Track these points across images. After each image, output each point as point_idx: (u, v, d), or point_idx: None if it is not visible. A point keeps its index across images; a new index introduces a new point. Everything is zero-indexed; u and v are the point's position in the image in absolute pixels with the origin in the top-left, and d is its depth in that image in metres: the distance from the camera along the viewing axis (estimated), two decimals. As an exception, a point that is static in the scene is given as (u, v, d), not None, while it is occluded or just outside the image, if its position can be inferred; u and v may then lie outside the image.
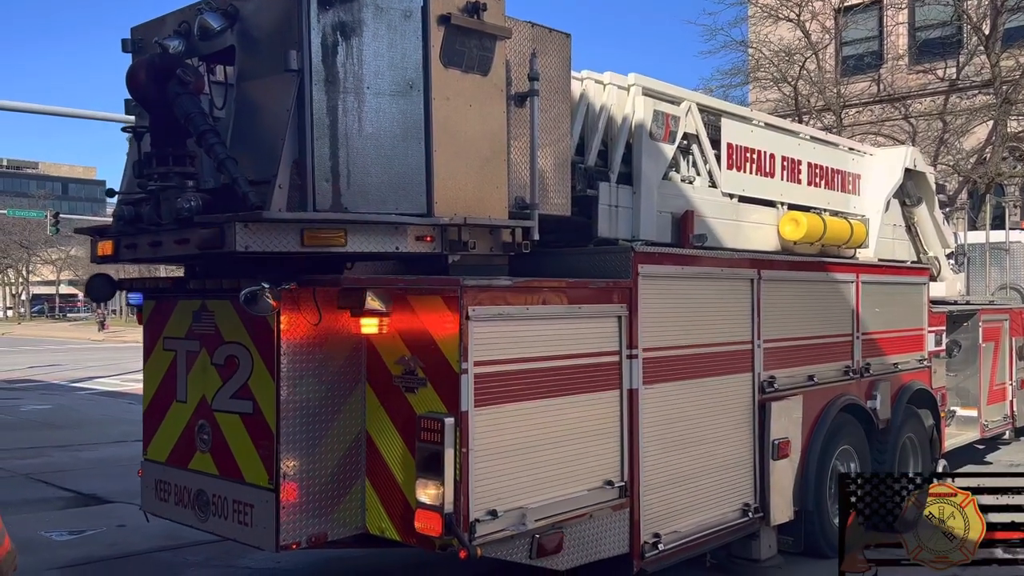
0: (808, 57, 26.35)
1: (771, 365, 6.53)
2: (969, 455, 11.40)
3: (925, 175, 9.96)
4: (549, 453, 4.80)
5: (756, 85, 27.69)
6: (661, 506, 5.53)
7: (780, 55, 26.59)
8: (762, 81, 27.22)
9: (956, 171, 24.17)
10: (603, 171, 6.32)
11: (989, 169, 23.90)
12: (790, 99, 25.55)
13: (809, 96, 26.02)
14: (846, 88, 27.44)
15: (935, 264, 10.33)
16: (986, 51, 24.30)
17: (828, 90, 26.37)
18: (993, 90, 24.16)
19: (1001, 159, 24.88)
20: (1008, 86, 23.63)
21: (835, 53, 29.24)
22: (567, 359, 4.92)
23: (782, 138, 8.05)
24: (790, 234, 7.84)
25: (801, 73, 26.14)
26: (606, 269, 5.42)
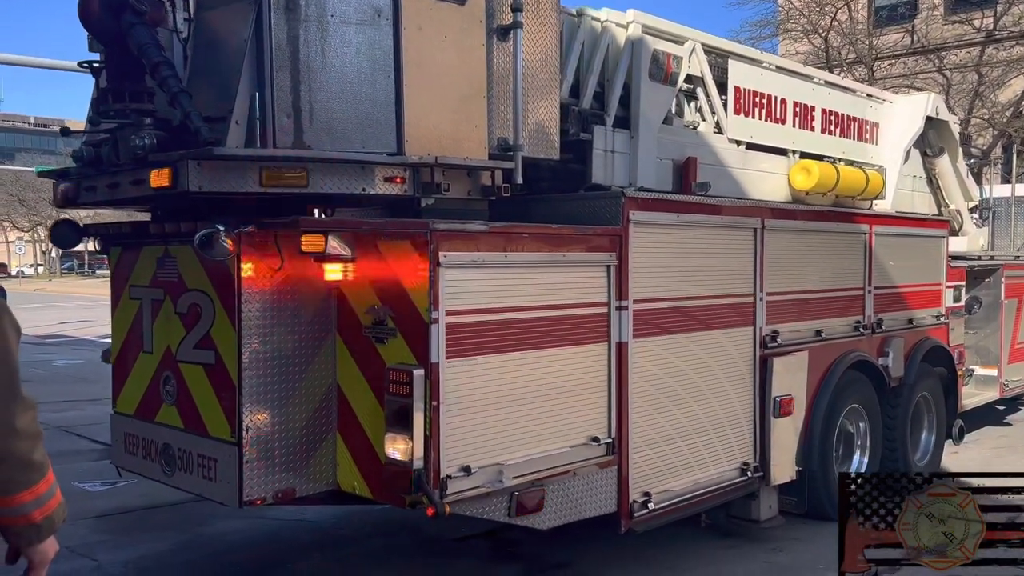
0: (840, 7, 25.57)
1: (774, 319, 6.23)
2: (989, 416, 11.06)
3: (948, 124, 9.49)
4: (530, 408, 4.56)
5: (786, 37, 27.08)
6: (652, 464, 5.30)
7: (811, 6, 25.85)
8: (792, 33, 26.61)
9: (991, 125, 23.51)
10: (599, 114, 6.00)
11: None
12: (821, 51, 24.89)
13: (840, 48, 25.35)
14: (878, 40, 26.73)
15: (957, 218, 9.90)
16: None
17: (860, 42, 25.65)
18: (1031, 41, 23.30)
19: (1038, 112, 24.10)
20: (1048, 37, 22.76)
21: (867, 3, 28.35)
22: (550, 310, 4.66)
23: (794, 82, 7.64)
24: (801, 183, 7.47)
25: (832, 24, 25.41)
26: (595, 216, 5.12)
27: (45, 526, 1.98)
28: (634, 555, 5.92)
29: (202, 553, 6.15)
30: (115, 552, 6.07)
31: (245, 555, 6.13)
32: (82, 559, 5.89)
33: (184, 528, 6.52)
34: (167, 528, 6.49)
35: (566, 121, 5.74)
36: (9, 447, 1.86)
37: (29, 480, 1.92)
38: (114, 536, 6.37)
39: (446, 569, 5.85)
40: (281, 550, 6.17)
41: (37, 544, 1.98)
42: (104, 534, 6.36)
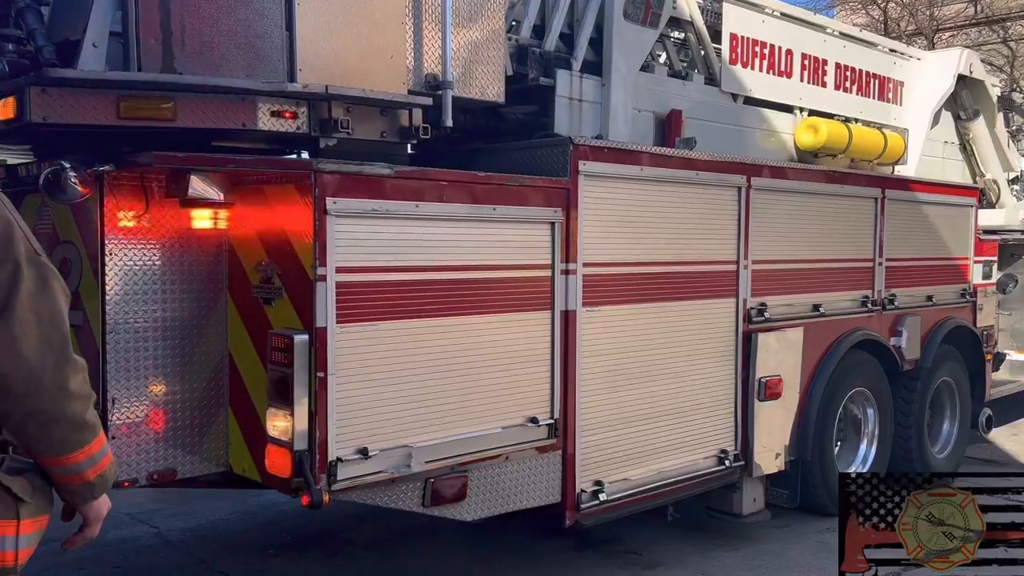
0: None
1: (761, 290, 5.53)
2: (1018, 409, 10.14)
3: (984, 84, 8.59)
4: (449, 383, 3.98)
5: (843, 8, 26.21)
6: (606, 449, 4.68)
7: None
8: (850, 4, 25.66)
9: None
10: (566, 58, 5.34)
11: (1091, 96, 21.83)
12: (879, 23, 23.81)
13: (900, 20, 24.25)
14: (940, 10, 25.58)
15: (993, 188, 9.00)
16: (1094, -36, 22.03)
17: (920, 12, 24.61)
18: (1101, 9, 21.97)
19: (1106, 85, 22.76)
20: (1118, 4, 21.42)
21: None
22: (476, 271, 4.06)
23: (804, 32, 6.88)
24: (807, 143, 6.75)
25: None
26: (540, 166, 4.50)
27: (99, 484, 2.05)
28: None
29: (256, 522, 6.15)
30: (173, 520, 6.14)
31: (298, 523, 6.04)
32: (142, 525, 6.02)
33: (238, 498, 6.36)
34: (222, 497, 6.29)
35: (525, 64, 5.13)
36: (64, 408, 1.92)
37: (83, 440, 1.98)
38: (170, 505, 6.28)
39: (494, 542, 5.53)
40: (333, 519, 6.03)
41: (91, 502, 2.06)
42: (160, 502, 6.27)
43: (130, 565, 5.39)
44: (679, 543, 5.64)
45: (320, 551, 5.64)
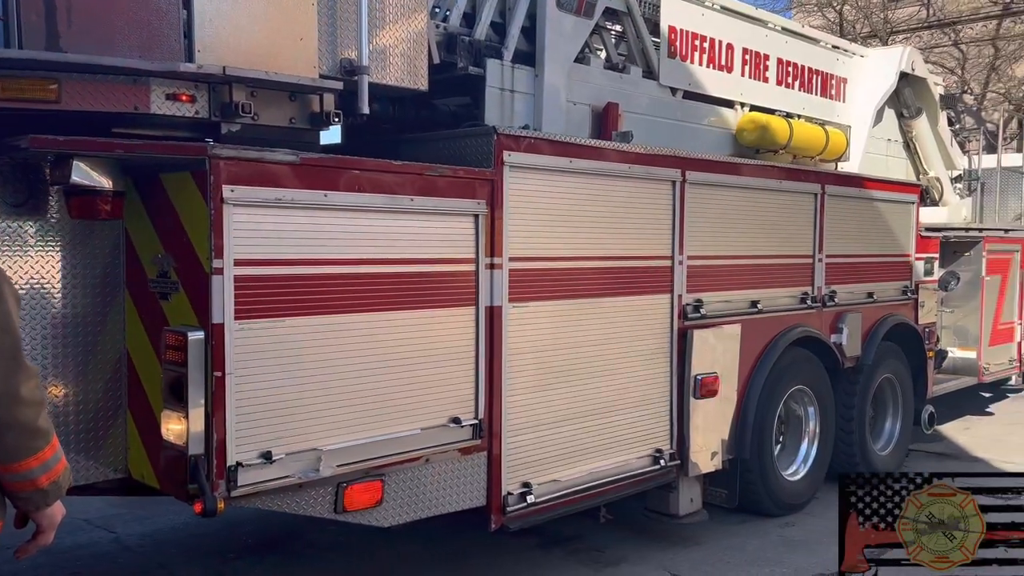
0: None
1: (698, 286, 5.42)
2: (971, 403, 10.25)
3: (927, 82, 8.62)
4: (366, 383, 3.79)
5: (800, 10, 26.57)
6: (535, 450, 4.52)
7: None
8: (806, 6, 25.97)
9: (1007, 99, 22.70)
10: (497, 48, 5.19)
11: (1042, 97, 22.41)
12: (835, 25, 24.16)
13: (855, 22, 24.63)
14: (893, 13, 26.10)
15: (936, 186, 9.06)
16: (1044, -29, 22.58)
17: (875, 15, 25.06)
18: (1049, 14, 22.52)
19: (1054, 87, 23.37)
20: (1065, 10, 21.98)
21: None
22: (391, 265, 3.88)
23: (745, 26, 6.81)
24: (747, 138, 6.69)
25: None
26: (464, 156, 4.33)
27: (52, 491, 2.04)
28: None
29: (216, 525, 5.81)
30: (131, 525, 6.00)
31: (260, 525, 5.88)
32: (100, 531, 5.88)
33: (199, 502, 6.17)
34: (182, 502, 6.09)
35: (455, 53, 4.96)
36: (15, 415, 1.92)
37: (36, 446, 1.97)
38: (129, 509, 6.07)
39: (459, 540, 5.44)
40: (296, 521, 5.81)
41: (45, 508, 2.05)
42: (119, 507, 6.07)
43: (87, 571, 5.22)
44: (642, 539, 5.60)
45: (282, 554, 5.49)
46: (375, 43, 4.12)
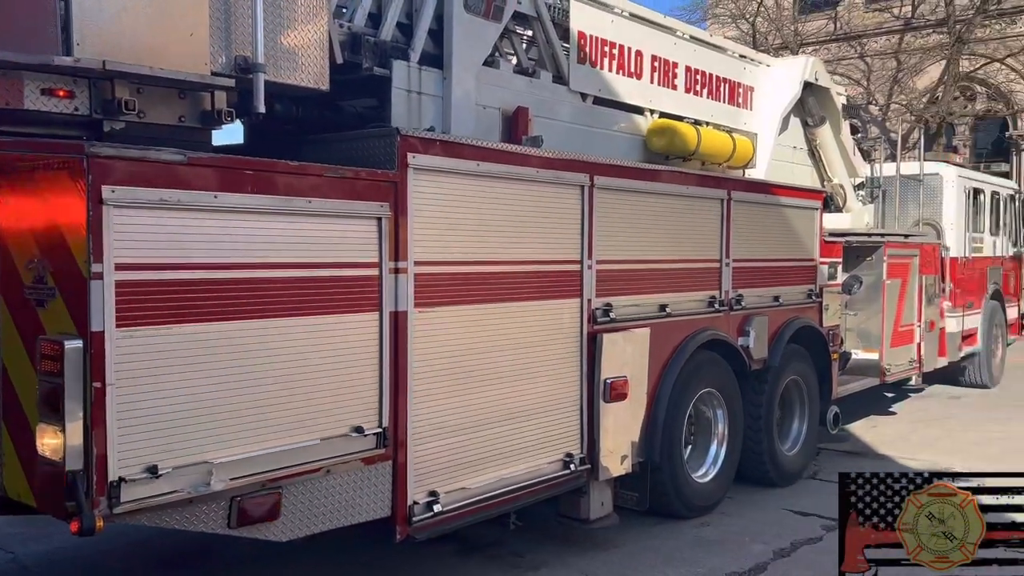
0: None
1: (607, 291, 5.43)
2: (875, 403, 10.63)
3: (830, 92, 8.89)
4: (261, 392, 3.65)
5: (714, 21, 27.22)
6: (442, 458, 4.44)
7: None
8: (720, 18, 26.74)
9: (909, 110, 23.75)
10: (404, 49, 5.10)
11: (941, 108, 23.52)
12: (748, 36, 24.87)
13: (767, 34, 25.40)
14: (803, 26, 27.08)
15: (840, 192, 9.35)
16: (941, -11, 23.73)
17: (786, 28, 25.92)
18: (946, 29, 23.70)
19: (952, 99, 24.52)
20: (961, 25, 23.18)
21: None
22: (290, 269, 3.75)
23: (654, 33, 6.88)
24: (657, 145, 6.75)
25: (759, 10, 25.48)
26: (367, 158, 4.24)
27: None
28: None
29: (123, 541, 5.66)
30: (30, 544, 5.74)
31: (172, 541, 5.59)
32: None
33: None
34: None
35: (359, 53, 4.86)
36: None
37: None
38: (28, 528, 5.75)
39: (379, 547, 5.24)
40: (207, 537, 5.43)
41: None
42: (17, 526, 5.76)
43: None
44: (560, 544, 5.62)
45: (191, 570, 5.31)
46: (272, 40, 3.99)
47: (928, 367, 9.91)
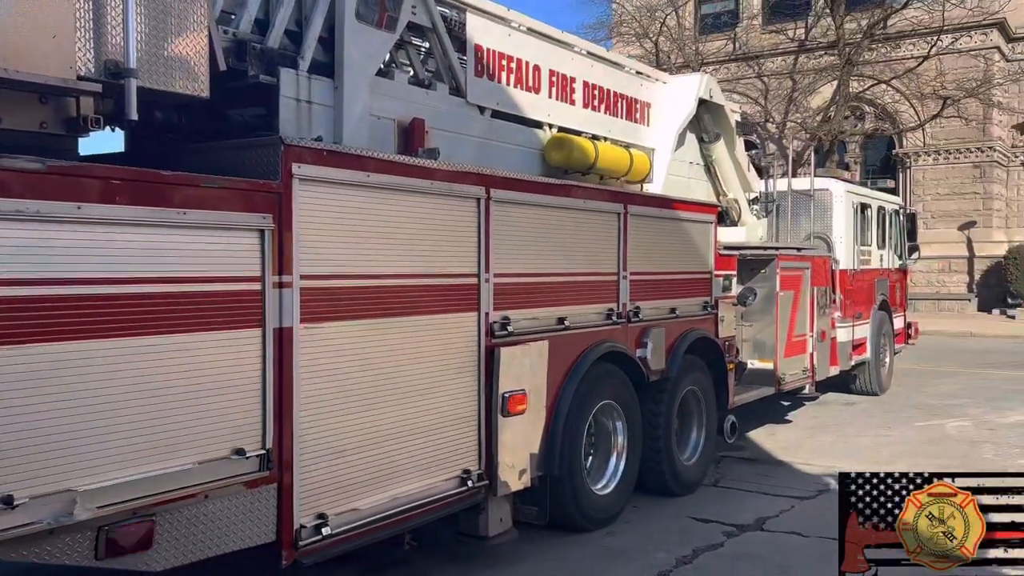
0: (668, 14, 26.33)
1: (505, 304, 5.40)
2: (771, 412, 10.94)
3: (724, 109, 9.14)
4: (132, 415, 3.45)
5: (619, 40, 27.79)
6: (331, 479, 4.30)
7: (642, 11, 26.53)
8: (625, 36, 27.29)
9: (804, 128, 24.73)
10: (293, 57, 4.96)
11: (833, 127, 24.58)
12: (651, 55, 25.47)
13: (670, 53, 26.07)
14: (704, 46, 27.90)
15: (735, 207, 9.60)
16: (831, 14, 24.93)
17: (688, 47, 26.64)
18: (837, 51, 24.80)
19: (843, 118, 25.69)
20: (850, 48, 24.31)
21: (694, 11, 29.46)
22: (163, 283, 3.57)
23: (551, 48, 6.93)
24: (555, 159, 6.78)
25: (662, 30, 26.13)
26: (252, 168, 4.08)
27: None
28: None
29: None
30: None
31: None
32: None
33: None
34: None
35: (245, 60, 4.70)
36: None
37: None
38: None
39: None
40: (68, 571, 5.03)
41: None
42: None
43: None
44: (466, 562, 5.55)
45: None
46: (147, 45, 3.80)
47: (821, 376, 10.25)
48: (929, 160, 28.23)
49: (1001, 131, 28.26)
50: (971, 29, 25.91)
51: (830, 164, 21.48)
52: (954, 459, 8.75)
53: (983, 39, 27.03)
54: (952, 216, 27.93)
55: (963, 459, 8.76)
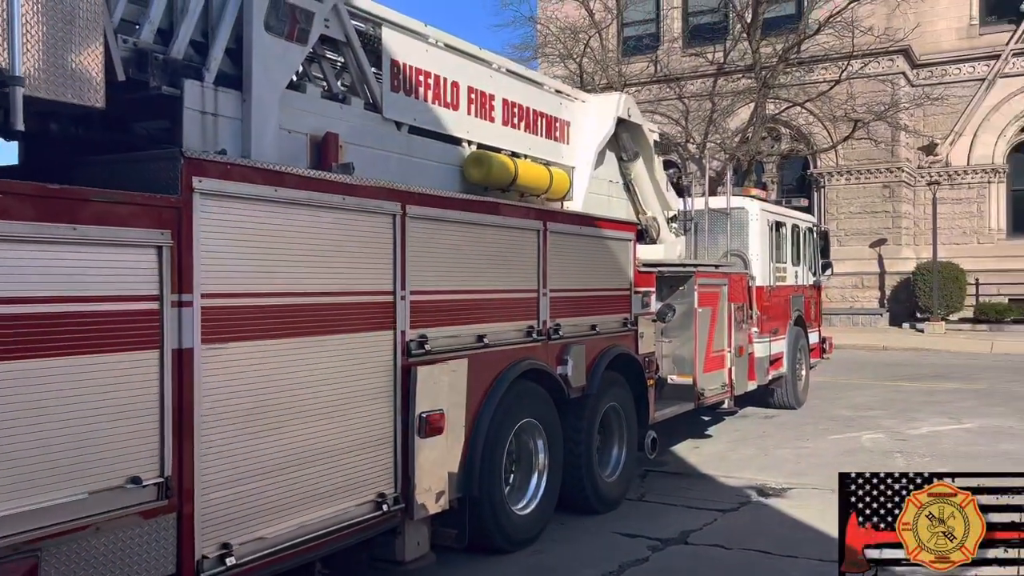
0: (592, 35, 26.70)
1: (422, 322, 5.30)
2: (695, 426, 11.08)
3: (642, 128, 9.26)
4: (13, 443, 3.23)
5: (544, 61, 28.07)
6: (237, 506, 4.12)
7: (566, 32, 26.87)
8: (550, 57, 27.59)
9: (723, 149, 25.33)
10: (198, 68, 4.80)
11: (750, 148, 25.26)
12: (576, 76, 25.78)
13: (594, 74, 26.42)
14: (627, 68, 28.35)
15: (654, 225, 9.73)
16: (748, 38, 25.67)
17: (611, 68, 27.02)
18: (754, 75, 25.54)
19: (760, 139, 26.44)
20: (767, 71, 25.07)
21: (617, 33, 29.96)
22: (47, 303, 3.36)
23: (470, 65, 6.89)
24: (474, 176, 6.73)
25: (586, 51, 26.48)
26: (151, 182, 3.90)
27: None
28: None
29: None
30: None
31: None
32: None
33: None
34: None
35: (146, 71, 4.51)
36: None
37: None
38: None
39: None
40: None
41: None
42: None
43: None
44: None
45: None
46: (36, 52, 3.60)
47: (739, 390, 10.42)
48: (842, 180, 29.27)
49: (908, 152, 29.52)
50: (879, 55, 27.00)
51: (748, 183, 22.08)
52: (867, 470, 8.96)
53: (890, 65, 28.22)
54: (864, 234, 28.99)
55: (877, 469, 8.96)
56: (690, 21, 30.88)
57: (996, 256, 28.71)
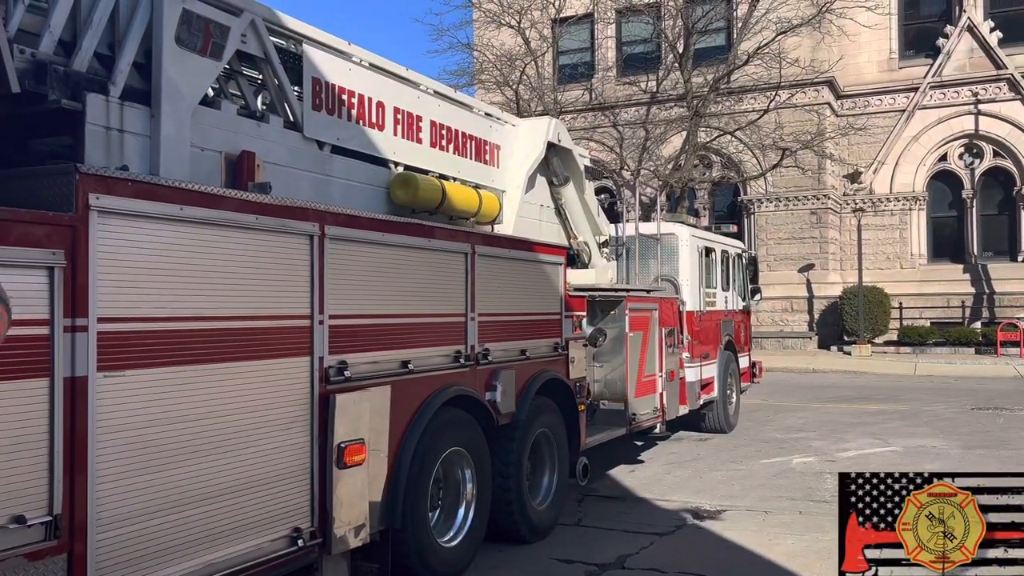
0: (528, 63, 26.93)
1: (341, 347, 5.10)
2: (630, 450, 11.03)
3: (572, 153, 9.24)
4: None
5: (481, 87, 28.21)
6: (136, 545, 3.85)
7: (503, 59, 27.04)
8: (486, 84, 27.73)
9: (656, 176, 25.70)
10: (103, 82, 4.56)
11: (683, 175, 25.70)
12: (512, 103, 25.91)
13: (530, 101, 26.59)
14: (562, 95, 28.63)
15: (585, 249, 9.69)
16: (680, 68, 26.22)
17: (547, 96, 27.26)
18: (686, 103, 26.05)
19: (692, 166, 26.93)
20: (698, 100, 25.60)
21: (553, 61, 30.27)
22: (-80, 328, 3.07)
23: (396, 85, 6.77)
24: (401, 198, 6.58)
25: (522, 78, 26.67)
26: (44, 199, 3.65)
27: None
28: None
29: None
30: None
31: None
32: None
33: None
34: None
35: (45, 83, 4.27)
36: None
37: None
38: None
39: None
40: None
41: None
42: None
43: None
44: None
45: None
46: (-88, 57, 3.35)
47: (671, 415, 10.41)
48: (771, 206, 29.96)
49: (834, 180, 30.42)
50: (805, 86, 27.88)
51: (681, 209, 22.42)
52: (798, 492, 9.06)
53: (816, 95, 29.14)
54: (792, 259, 29.68)
55: (808, 490, 9.10)
56: (624, 51, 31.45)
57: (918, 280, 29.71)
